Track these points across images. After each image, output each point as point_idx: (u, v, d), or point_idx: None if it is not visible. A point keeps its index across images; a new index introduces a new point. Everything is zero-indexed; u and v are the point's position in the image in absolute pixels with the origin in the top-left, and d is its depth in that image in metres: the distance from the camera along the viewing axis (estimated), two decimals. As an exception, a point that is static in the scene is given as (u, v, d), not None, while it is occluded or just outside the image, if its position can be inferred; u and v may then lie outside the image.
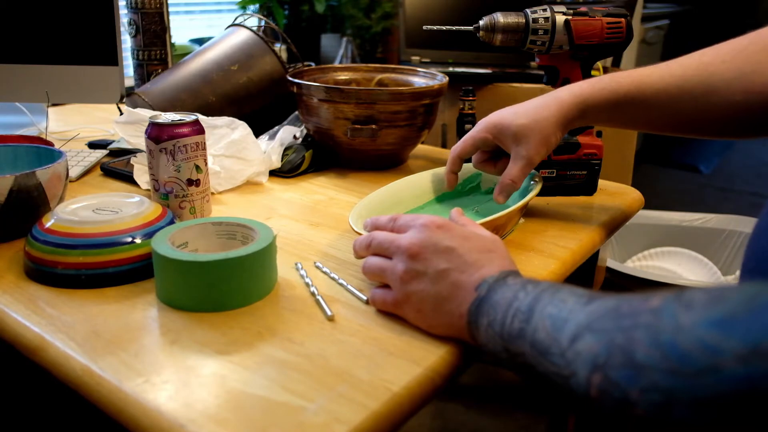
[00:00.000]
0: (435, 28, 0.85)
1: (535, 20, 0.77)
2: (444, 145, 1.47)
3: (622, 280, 1.53)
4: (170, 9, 1.16)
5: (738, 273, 1.77)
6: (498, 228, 0.66)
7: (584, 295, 0.41)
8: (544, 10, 0.77)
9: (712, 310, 0.31)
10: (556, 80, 0.81)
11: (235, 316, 0.54)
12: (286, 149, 0.93)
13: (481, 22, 0.78)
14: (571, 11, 0.78)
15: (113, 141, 1.04)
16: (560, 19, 0.77)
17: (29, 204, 0.66)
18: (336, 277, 0.61)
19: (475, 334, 0.48)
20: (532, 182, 0.73)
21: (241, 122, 0.90)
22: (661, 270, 1.77)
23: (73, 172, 0.89)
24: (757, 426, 0.28)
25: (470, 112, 0.94)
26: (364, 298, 0.57)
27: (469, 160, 0.75)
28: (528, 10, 0.78)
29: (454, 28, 0.83)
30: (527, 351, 0.42)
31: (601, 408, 0.35)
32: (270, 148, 0.91)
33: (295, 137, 0.96)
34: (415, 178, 0.80)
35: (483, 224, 0.61)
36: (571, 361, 0.37)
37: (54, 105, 1.32)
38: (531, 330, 0.42)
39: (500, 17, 0.77)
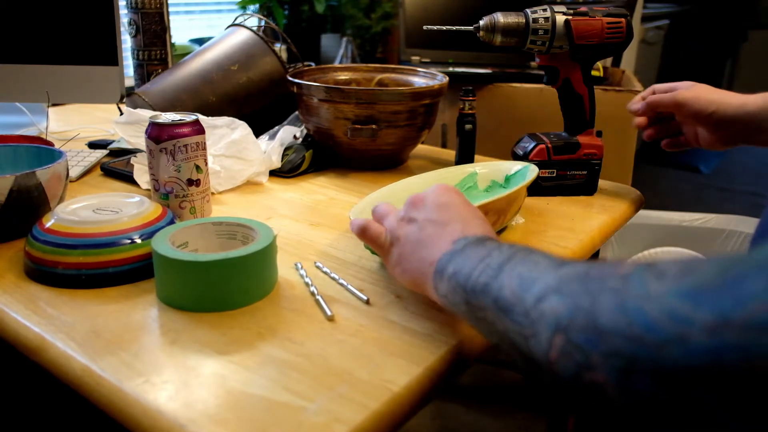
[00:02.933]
0: (435, 28, 0.85)
1: (535, 20, 0.77)
2: (444, 145, 1.47)
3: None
4: (170, 9, 1.16)
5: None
6: (497, 213, 0.66)
7: (557, 259, 0.41)
8: (544, 10, 0.77)
9: (684, 281, 0.30)
10: (556, 80, 0.81)
11: (235, 316, 0.54)
12: (286, 149, 0.93)
13: (481, 23, 0.78)
14: (572, 11, 0.78)
15: (113, 141, 1.04)
16: (560, 19, 0.77)
17: (29, 204, 0.66)
18: (336, 277, 0.61)
19: (438, 283, 0.48)
20: (528, 173, 0.72)
21: (241, 122, 0.90)
22: (661, 270, 1.77)
23: (73, 172, 0.89)
24: (715, 403, 0.27)
25: (470, 112, 0.94)
26: (365, 298, 0.57)
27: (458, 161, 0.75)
28: (528, 11, 0.78)
29: (454, 28, 0.83)
30: (489, 306, 0.42)
31: (560, 372, 0.34)
32: (270, 148, 0.91)
33: (295, 137, 0.96)
34: (416, 179, 0.80)
35: (479, 206, 0.61)
36: (535, 321, 0.37)
37: (54, 105, 1.32)
38: (497, 286, 0.42)
39: (500, 17, 0.77)
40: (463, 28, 0.81)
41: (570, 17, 0.77)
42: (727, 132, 0.74)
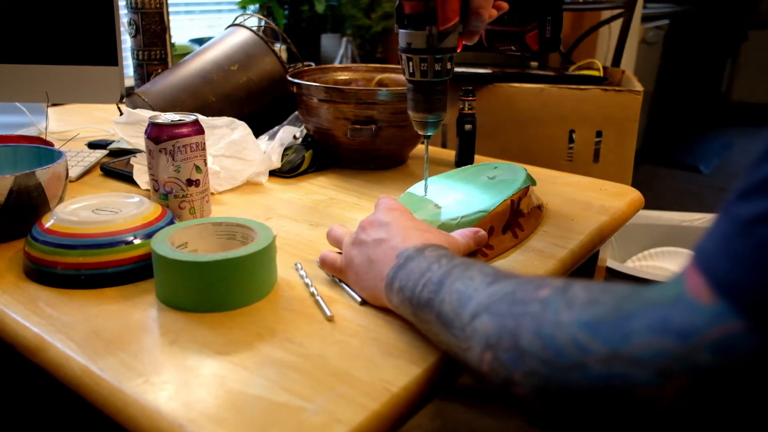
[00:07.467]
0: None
1: (423, 72, 0.67)
2: (444, 145, 1.47)
3: (622, 281, 1.53)
4: (170, 9, 1.16)
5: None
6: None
7: (490, 275, 0.44)
8: (409, 60, 0.68)
9: (586, 312, 0.34)
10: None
11: (235, 316, 0.54)
12: (286, 149, 0.93)
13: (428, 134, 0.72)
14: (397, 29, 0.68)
15: (113, 141, 1.04)
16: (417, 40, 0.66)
17: (29, 204, 0.66)
18: (336, 277, 0.61)
19: (389, 296, 0.52)
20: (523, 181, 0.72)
21: (241, 122, 0.90)
22: (661, 270, 1.77)
23: (73, 172, 0.89)
24: (612, 418, 0.32)
25: (470, 112, 0.94)
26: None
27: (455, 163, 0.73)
28: (412, 79, 0.69)
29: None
30: (433, 320, 0.46)
31: (491, 382, 0.39)
32: (270, 148, 0.91)
33: (295, 137, 0.96)
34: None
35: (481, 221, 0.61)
36: (469, 337, 0.41)
37: (54, 105, 1.32)
38: (438, 301, 0.46)
39: (412, 116, 0.71)
40: (426, 186, 0.75)
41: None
42: None
